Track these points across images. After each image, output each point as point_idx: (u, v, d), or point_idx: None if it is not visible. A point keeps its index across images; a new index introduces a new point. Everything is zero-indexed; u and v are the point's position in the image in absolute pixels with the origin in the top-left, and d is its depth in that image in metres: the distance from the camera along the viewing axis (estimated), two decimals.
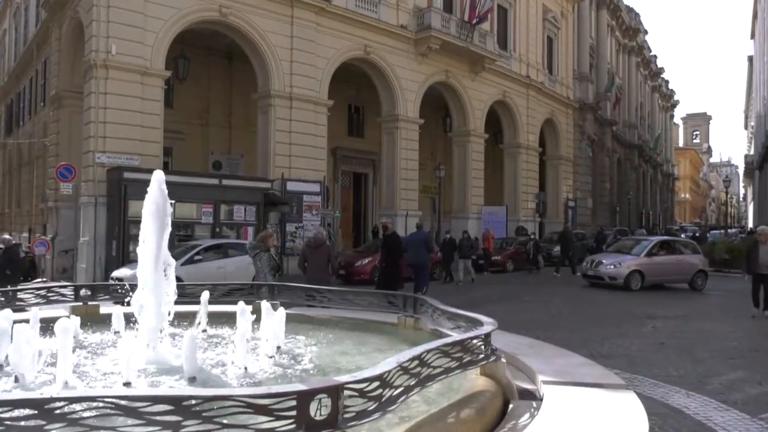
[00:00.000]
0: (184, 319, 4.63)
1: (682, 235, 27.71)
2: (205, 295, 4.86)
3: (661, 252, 15.14)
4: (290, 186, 17.71)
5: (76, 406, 2.07)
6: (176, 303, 3.99)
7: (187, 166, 19.10)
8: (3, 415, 2.02)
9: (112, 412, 2.09)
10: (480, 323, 3.58)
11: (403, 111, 21.73)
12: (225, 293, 5.58)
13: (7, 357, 3.50)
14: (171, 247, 3.70)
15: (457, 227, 23.76)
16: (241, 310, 4.09)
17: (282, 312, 4.22)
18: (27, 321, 3.84)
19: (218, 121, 21.65)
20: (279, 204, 17.28)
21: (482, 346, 3.24)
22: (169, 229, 3.77)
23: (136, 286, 3.90)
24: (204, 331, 4.65)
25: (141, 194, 4.05)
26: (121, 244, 13.93)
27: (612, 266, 14.57)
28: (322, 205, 18.25)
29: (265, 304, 4.19)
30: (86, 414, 2.07)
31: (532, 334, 8.33)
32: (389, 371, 2.48)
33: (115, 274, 12.10)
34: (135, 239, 13.90)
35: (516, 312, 11.10)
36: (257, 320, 4.17)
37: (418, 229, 14.16)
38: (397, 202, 21.53)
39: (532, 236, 20.59)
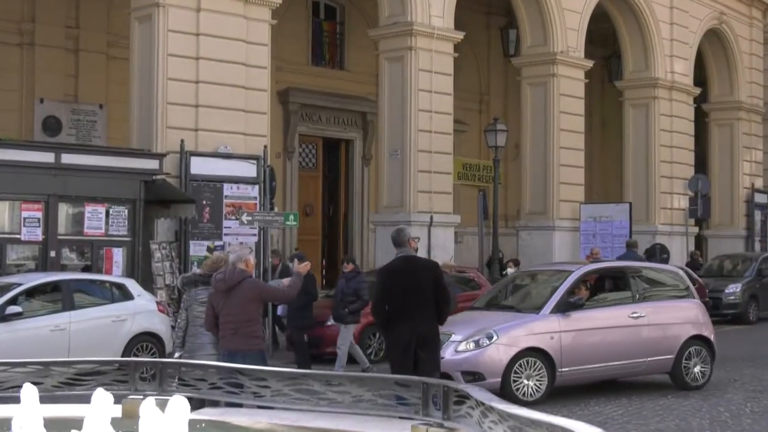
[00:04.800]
0: None
1: None
2: (29, 392, 4.83)
3: (596, 299, 13.65)
4: (198, 166, 17.74)
5: None
6: None
7: None
8: None
9: None
10: None
11: (422, 16, 21.84)
12: (69, 380, 5.58)
13: None
14: None
15: (530, 247, 23.76)
16: (99, 415, 4.08)
17: (183, 417, 4.23)
18: None
19: (53, 38, 21.71)
20: (176, 202, 17.29)
21: None
22: None
23: None
24: None
25: None
26: None
27: (472, 344, 12.22)
28: (260, 203, 18.28)
29: (147, 405, 4.20)
30: None
31: None
32: None
33: None
34: None
35: (663, 410, 10.96)
36: None
37: (629, 248, 15.01)
38: (410, 196, 21.61)
39: (508, 265, 17.68)
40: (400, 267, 9.72)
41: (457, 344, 12.12)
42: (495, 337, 12.10)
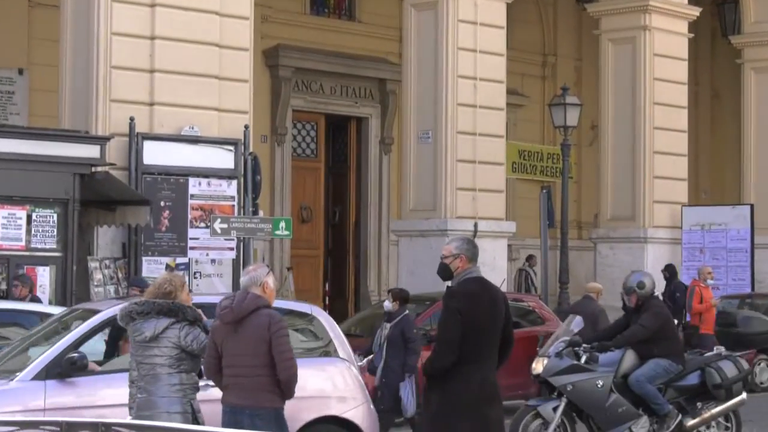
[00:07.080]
0: None
1: None
2: None
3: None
4: (153, 153, 17.83)
5: None
6: None
7: None
8: None
9: None
10: None
11: None
12: None
13: None
14: None
15: (612, 267, 23.72)
16: None
17: None
18: None
19: None
20: (124, 204, 17.30)
21: None
22: None
23: None
24: None
25: None
26: None
27: None
28: (239, 205, 18.39)
29: None
30: None
31: None
32: None
33: None
34: None
35: None
36: None
37: None
38: (446, 195, 21.68)
39: None
40: (480, 292, 9.14)
41: None
42: None
